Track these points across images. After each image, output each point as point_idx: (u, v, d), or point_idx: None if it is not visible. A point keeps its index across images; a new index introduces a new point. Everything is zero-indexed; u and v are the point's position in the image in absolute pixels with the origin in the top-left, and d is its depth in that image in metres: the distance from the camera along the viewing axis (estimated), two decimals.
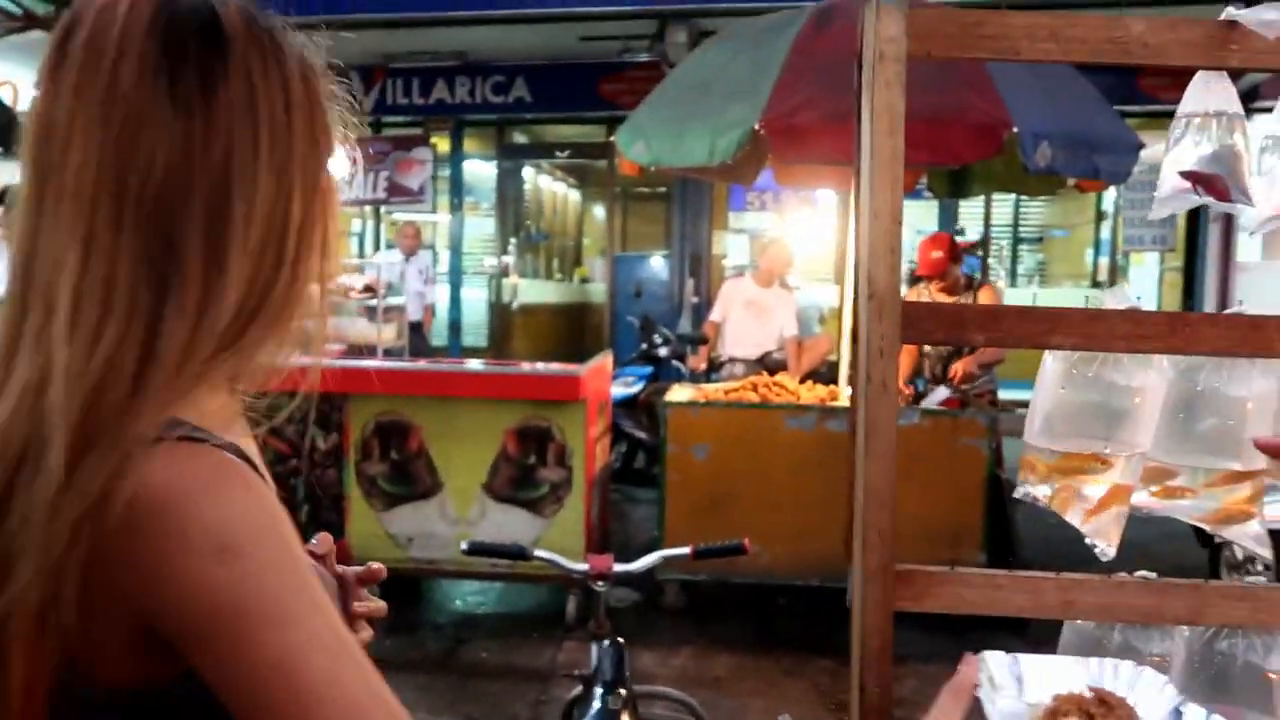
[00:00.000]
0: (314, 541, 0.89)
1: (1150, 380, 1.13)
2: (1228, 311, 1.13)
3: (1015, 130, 3.79)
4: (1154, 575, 1.17)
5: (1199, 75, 1.09)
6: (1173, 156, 1.10)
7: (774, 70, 4.12)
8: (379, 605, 0.91)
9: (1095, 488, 1.12)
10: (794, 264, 6.55)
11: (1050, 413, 1.15)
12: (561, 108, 9.34)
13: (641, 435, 6.59)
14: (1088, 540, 1.17)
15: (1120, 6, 6.13)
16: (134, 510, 0.63)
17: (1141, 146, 4.46)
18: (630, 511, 6.36)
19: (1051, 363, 1.17)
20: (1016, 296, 9.53)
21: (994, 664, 0.72)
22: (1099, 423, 1.13)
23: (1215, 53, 1.06)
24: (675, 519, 4.52)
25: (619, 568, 2.34)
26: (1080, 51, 1.07)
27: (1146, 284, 9.37)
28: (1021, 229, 10.21)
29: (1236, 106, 1.08)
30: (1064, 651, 1.21)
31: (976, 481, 4.40)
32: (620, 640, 2.15)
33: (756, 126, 3.95)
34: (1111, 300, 1.13)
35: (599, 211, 14.03)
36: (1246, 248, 8.79)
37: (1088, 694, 0.69)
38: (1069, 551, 4.63)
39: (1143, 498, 1.18)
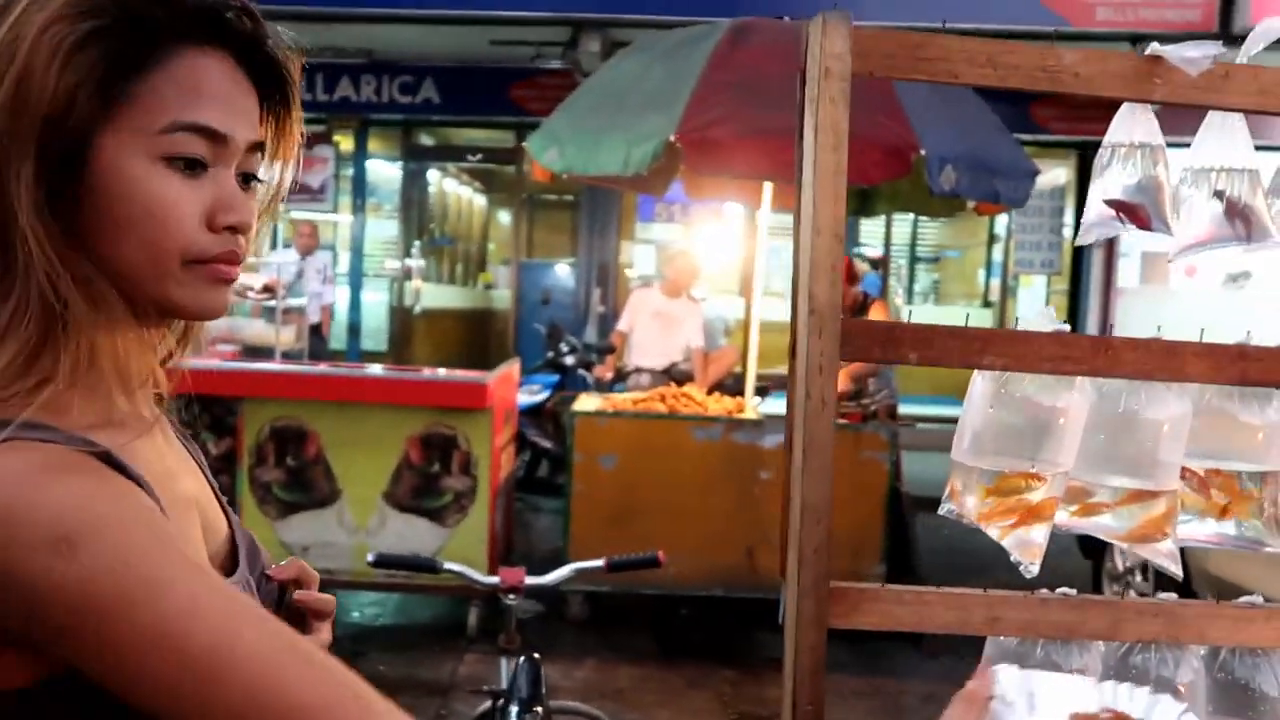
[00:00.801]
0: (280, 565, 0.87)
1: (1074, 401, 1.16)
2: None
3: (923, 153, 3.90)
4: (1074, 592, 1.20)
5: (1125, 107, 1.13)
6: (1099, 185, 1.13)
7: (690, 83, 4.15)
8: (325, 598, 0.88)
9: (1024, 505, 1.14)
10: (700, 275, 6.61)
11: (979, 431, 1.17)
12: (470, 111, 9.22)
13: (546, 444, 6.54)
14: (1013, 557, 1.19)
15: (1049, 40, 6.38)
16: None
17: (1037, 173, 4.65)
18: (533, 521, 6.30)
19: (981, 382, 1.19)
20: (912, 315, 9.81)
21: (1006, 680, 0.71)
22: (1025, 442, 1.15)
23: (1141, 86, 1.10)
24: (581, 529, 4.48)
25: (531, 581, 2.30)
26: (1015, 78, 1.09)
27: (1035, 305, 9.76)
28: (918, 249, 10.54)
29: (1159, 138, 1.12)
30: (990, 663, 1.23)
31: (878, 495, 4.50)
32: (536, 656, 2.11)
33: (672, 138, 3.97)
34: (1038, 322, 1.15)
35: (504, 217, 13.90)
36: (1126, 273, 9.25)
37: (1104, 715, 0.68)
38: (963, 564, 4.82)
39: (1063, 516, 1.21)
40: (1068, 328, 1.13)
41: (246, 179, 0.74)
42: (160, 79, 0.68)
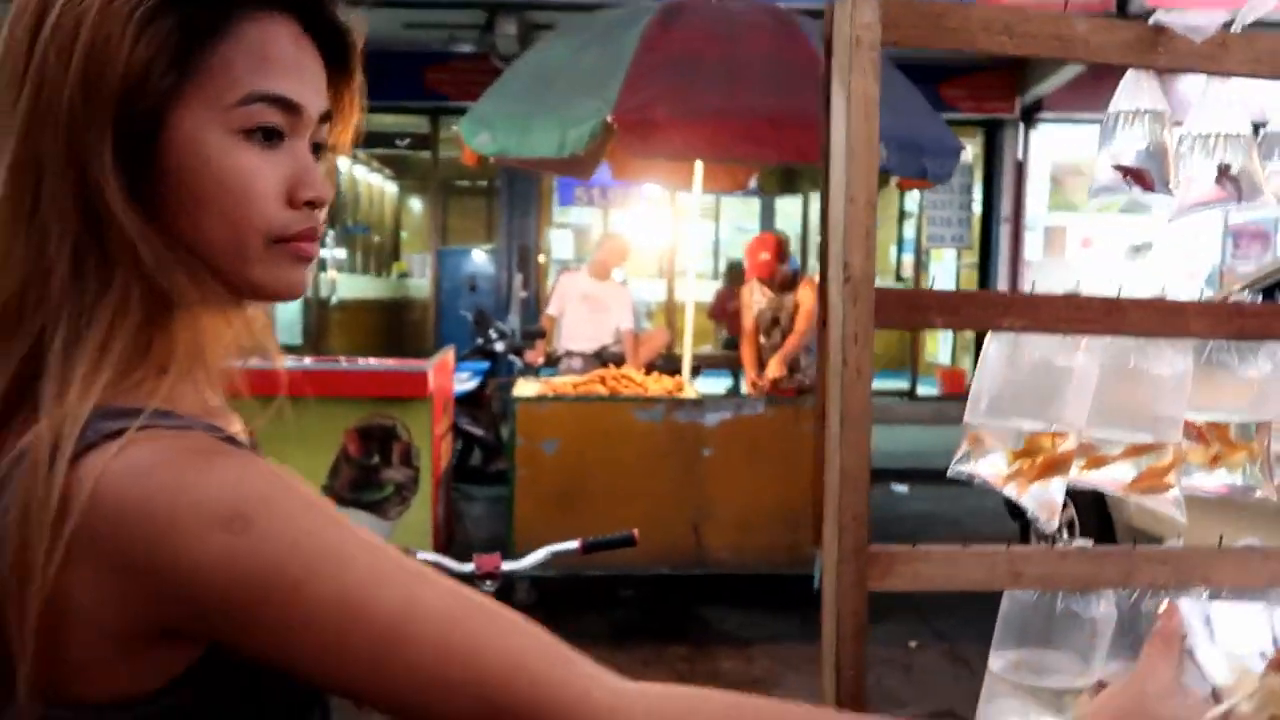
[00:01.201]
0: None
1: (1084, 361, 1.20)
2: None
3: None
4: (1090, 544, 1.24)
5: (1130, 74, 1.16)
6: (1107, 151, 1.17)
7: (623, 65, 4.14)
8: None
9: (1042, 463, 1.18)
10: (629, 257, 6.61)
11: (997, 394, 1.20)
12: (384, 96, 8.94)
13: (479, 432, 6.47)
14: (1030, 513, 1.22)
15: None
16: (106, 507, 0.57)
17: (962, 149, 4.78)
18: (468, 510, 6.23)
19: (995, 347, 1.22)
20: None
21: (1189, 613, 0.71)
22: (1042, 403, 1.19)
23: (1146, 54, 1.14)
24: (526, 514, 4.46)
25: (507, 566, 2.28)
26: (1030, 45, 1.12)
27: (946, 279, 10.06)
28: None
29: (1164, 105, 1.16)
30: (1005, 622, 1.27)
31: (816, 465, 4.57)
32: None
33: (609, 119, 3.95)
34: (1045, 271, 1.19)
35: (416, 205, 13.65)
36: (1031, 246, 9.61)
37: None
38: (895, 532, 5.01)
39: (1073, 472, 1.25)
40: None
41: (316, 149, 0.72)
42: (232, 49, 0.65)
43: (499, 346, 6.65)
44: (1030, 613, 1.24)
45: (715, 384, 7.36)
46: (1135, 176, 1.17)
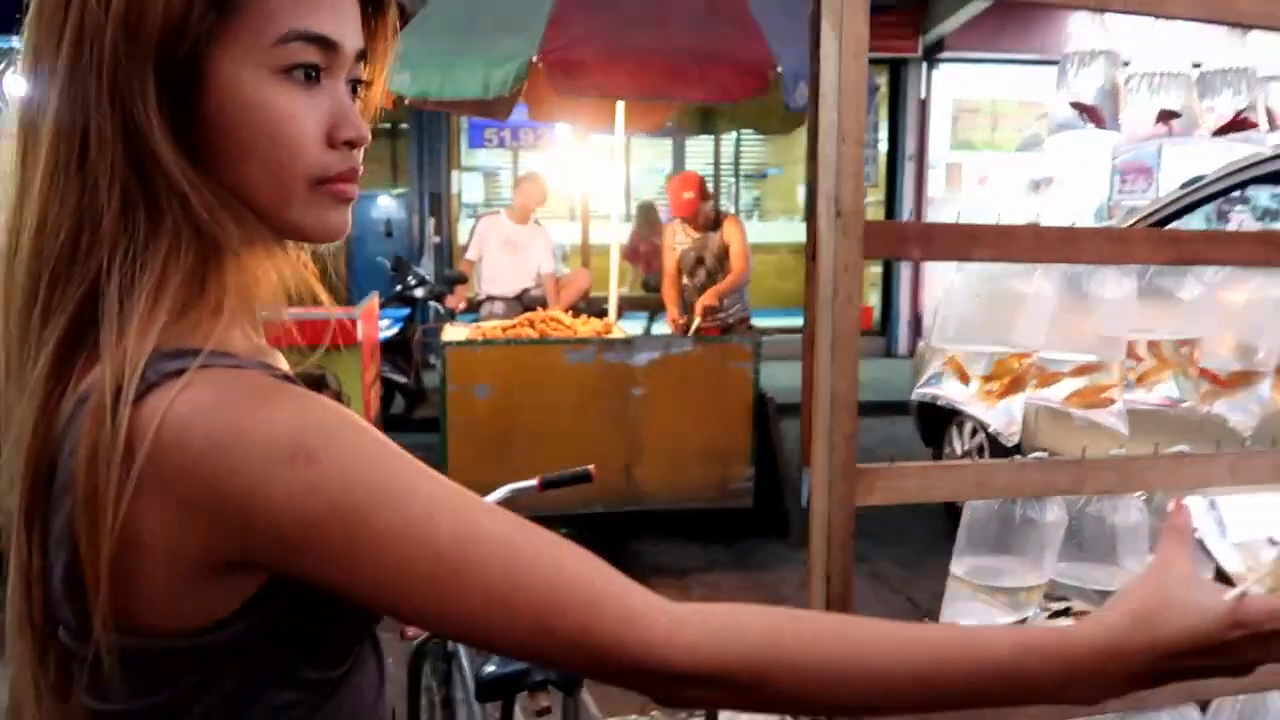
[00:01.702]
0: None
1: (1043, 287, 1.30)
2: None
3: (779, 70, 4.02)
4: (1046, 455, 1.35)
5: (1084, 16, 1.24)
6: (1064, 89, 1.25)
7: (547, 3, 4.09)
8: None
9: (1006, 383, 1.27)
10: (547, 200, 6.58)
11: (964, 320, 1.29)
12: None
13: (401, 379, 6.42)
14: (992, 428, 1.32)
15: None
16: (172, 444, 0.59)
17: (878, 89, 4.88)
18: None
19: (960, 276, 1.31)
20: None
21: (1196, 508, 0.77)
22: (1005, 326, 1.29)
23: None
24: (459, 459, 4.48)
25: None
26: None
27: None
28: (743, 166, 10.82)
29: (1116, 46, 1.24)
30: (967, 530, 1.38)
31: (744, 402, 4.72)
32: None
33: (534, 59, 3.92)
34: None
35: None
36: (934, 183, 9.89)
37: None
38: None
39: (1034, 392, 1.36)
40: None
41: (353, 88, 0.72)
42: None
43: (419, 292, 6.57)
44: (989, 521, 1.36)
45: (632, 326, 7.42)
46: (1090, 114, 1.26)
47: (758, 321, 5.94)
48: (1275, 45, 1.31)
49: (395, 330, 6.38)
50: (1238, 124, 1.29)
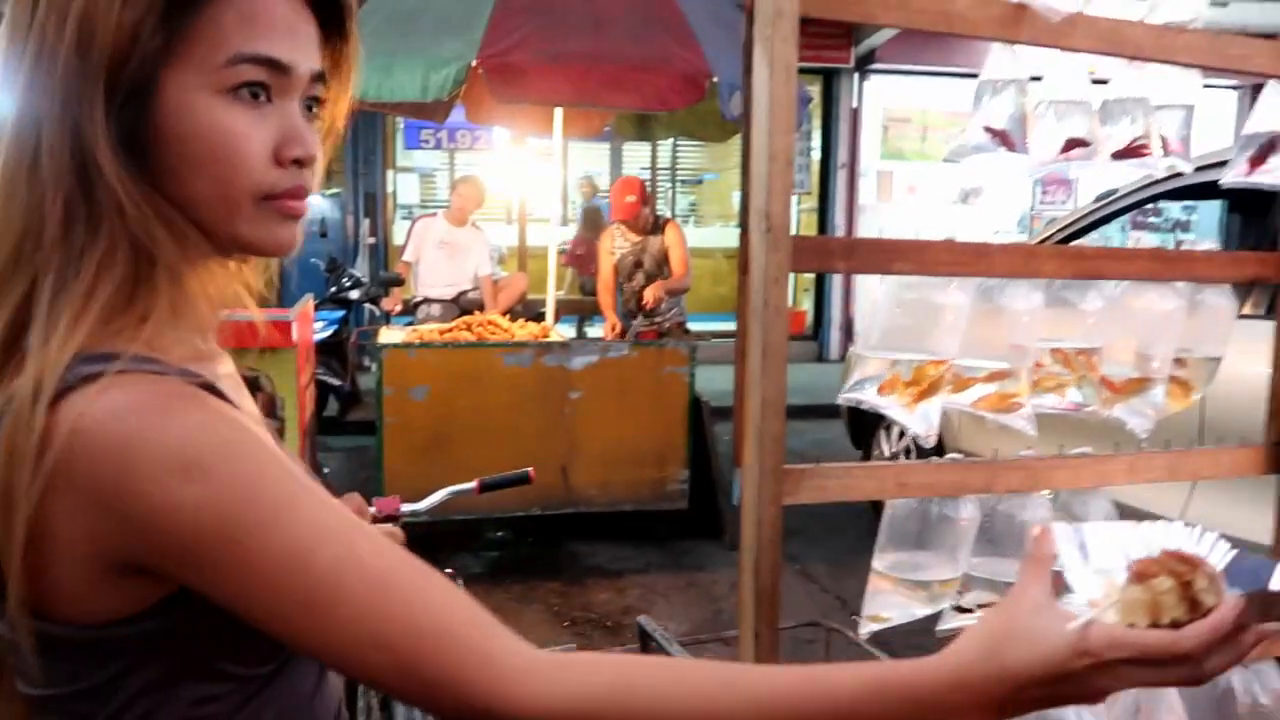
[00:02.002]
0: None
1: (959, 299, 1.39)
2: None
3: (715, 80, 4.10)
4: (961, 457, 1.44)
5: (998, 46, 1.33)
6: (979, 113, 1.34)
7: (486, 7, 4.11)
8: (391, 529, 0.93)
9: (923, 387, 1.36)
10: (485, 202, 6.59)
11: (887, 329, 1.37)
12: None
13: (335, 381, 6.36)
14: (911, 430, 1.40)
15: None
16: (81, 446, 0.61)
17: (810, 99, 5.00)
18: (325, 461, 6.15)
19: (883, 287, 1.39)
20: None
21: (1060, 536, 0.73)
22: (925, 335, 1.37)
23: (1012, 29, 1.31)
24: (396, 462, 4.48)
25: (406, 507, 2.34)
26: (920, 20, 1.27)
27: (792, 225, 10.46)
28: (680, 172, 10.94)
29: (1025, 74, 1.33)
30: (888, 527, 1.46)
31: (680, 406, 4.79)
32: (451, 571, 2.18)
33: (474, 63, 3.94)
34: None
35: None
36: (865, 192, 10.11)
37: (1163, 555, 0.68)
38: None
39: (949, 397, 1.44)
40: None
41: (309, 107, 0.74)
42: (220, 9, 0.67)
43: (354, 294, 6.52)
44: (909, 519, 1.44)
45: (570, 329, 7.46)
46: (1001, 138, 1.35)
47: (693, 326, 6.03)
48: (1168, 77, 1.41)
49: (330, 332, 6.32)
50: (1133, 150, 1.39)
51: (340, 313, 6.48)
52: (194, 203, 0.69)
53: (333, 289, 6.52)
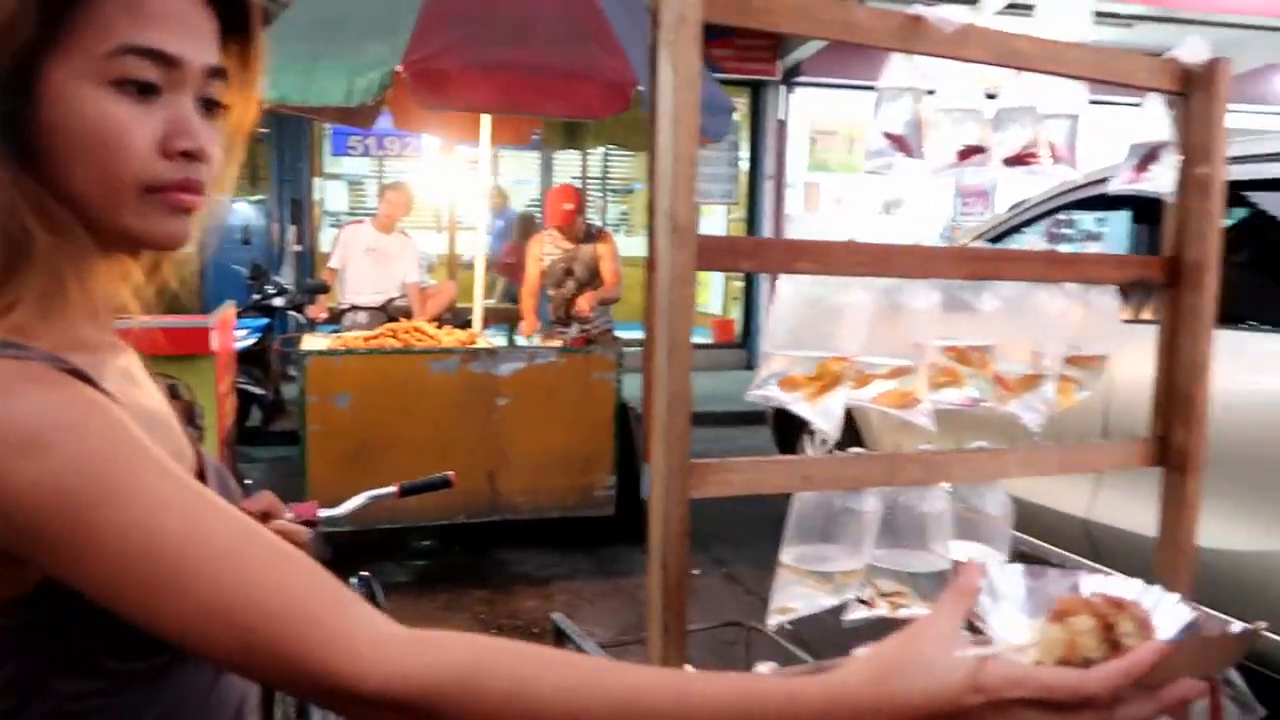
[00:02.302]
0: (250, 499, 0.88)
1: (861, 298, 1.43)
2: None
3: (641, 89, 4.14)
4: (864, 450, 1.49)
5: (896, 56, 1.39)
6: (878, 121, 1.39)
7: (411, 12, 4.10)
8: (297, 529, 0.93)
9: (832, 385, 1.40)
10: (413, 209, 6.54)
11: (793, 328, 1.41)
12: None
13: (258, 390, 6.25)
14: (815, 425, 1.44)
15: None
16: None
17: (733, 109, 5.08)
18: (248, 471, 6.03)
19: (789, 287, 1.43)
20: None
21: (992, 573, 0.70)
22: (829, 334, 1.41)
23: (908, 40, 1.36)
24: (320, 471, 4.42)
25: (325, 513, 2.32)
26: (820, 28, 1.31)
27: (716, 232, 10.57)
28: (610, 181, 10.98)
29: (922, 83, 1.39)
30: (794, 521, 1.50)
31: (607, 412, 4.81)
32: (367, 574, 2.17)
33: (398, 68, 3.92)
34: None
35: None
36: (793, 202, 10.27)
37: (1092, 598, 0.65)
38: None
39: (851, 393, 1.49)
40: None
41: (209, 106, 0.74)
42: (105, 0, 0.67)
43: (278, 301, 6.42)
44: (814, 512, 1.48)
45: (499, 338, 7.43)
46: (899, 143, 1.40)
47: (621, 334, 6.06)
48: (1056, 87, 1.48)
49: (253, 340, 6.21)
50: (1024, 157, 1.46)
51: (264, 321, 6.37)
52: (78, 194, 0.69)
53: (256, 296, 6.41)
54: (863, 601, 1.48)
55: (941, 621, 0.67)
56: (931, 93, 1.44)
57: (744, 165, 10.30)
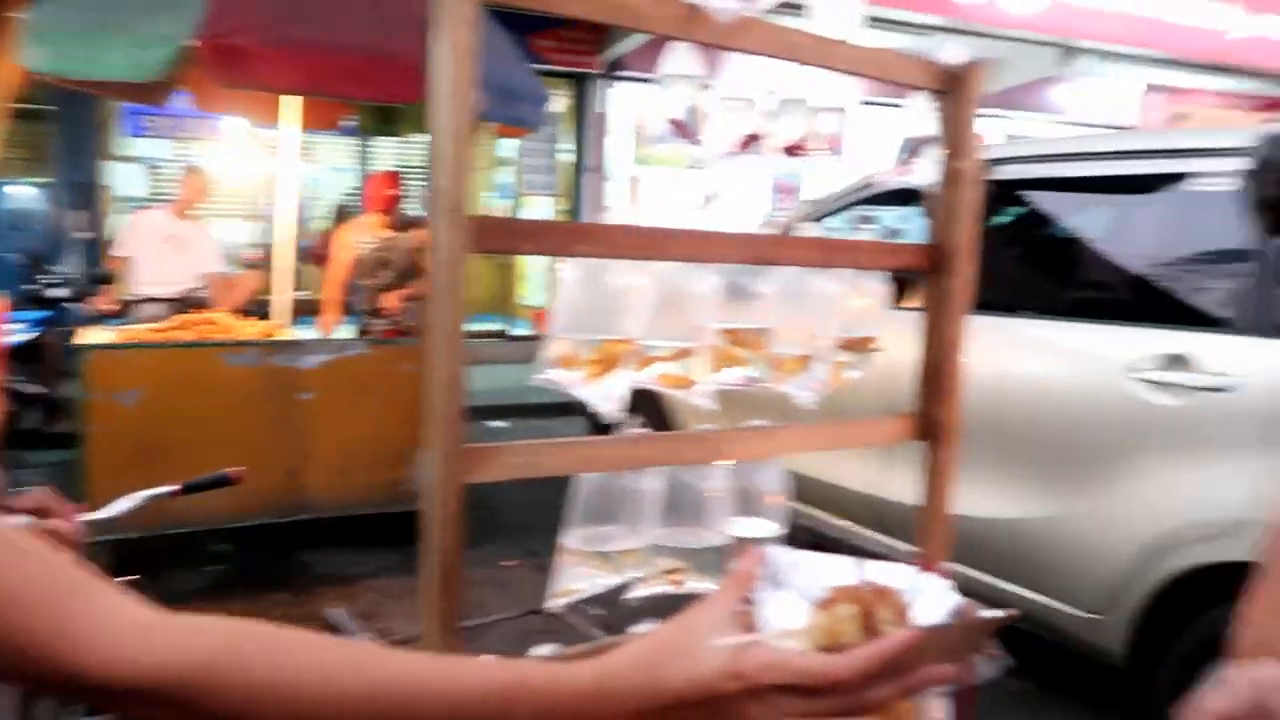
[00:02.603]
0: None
1: (643, 282, 1.45)
2: None
3: None
4: (646, 431, 1.51)
5: (676, 44, 1.41)
6: (661, 105, 1.41)
7: None
8: (73, 526, 0.85)
9: (614, 367, 1.41)
10: (211, 195, 6.18)
11: (576, 311, 1.41)
12: None
13: (34, 389, 5.75)
14: (594, 407, 1.44)
15: None
16: None
17: (548, 99, 5.06)
18: (26, 479, 5.55)
19: (572, 271, 1.43)
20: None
21: (771, 559, 0.70)
22: (612, 317, 1.42)
23: (688, 27, 1.38)
24: (103, 474, 4.09)
25: (88, 516, 2.14)
26: (600, 12, 1.31)
27: None
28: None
29: (700, 71, 1.42)
30: (576, 504, 1.50)
31: (417, 405, 4.68)
32: (130, 579, 2.01)
33: (191, 43, 3.69)
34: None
35: None
36: (614, 196, 10.37)
37: (863, 587, 0.67)
38: None
39: (631, 373, 1.50)
40: None
41: None
42: None
43: (59, 293, 5.93)
44: (596, 493, 1.49)
45: (309, 331, 7.16)
46: (680, 129, 1.42)
47: None
48: (830, 82, 1.55)
49: (30, 335, 5.71)
50: (799, 147, 1.51)
51: (44, 314, 5.87)
52: None
53: (32, 287, 5.89)
54: (644, 580, 1.50)
55: (715, 608, 0.68)
56: (708, 86, 1.47)
57: (567, 158, 10.30)
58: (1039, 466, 2.99)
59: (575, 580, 1.45)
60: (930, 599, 0.70)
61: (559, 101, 9.86)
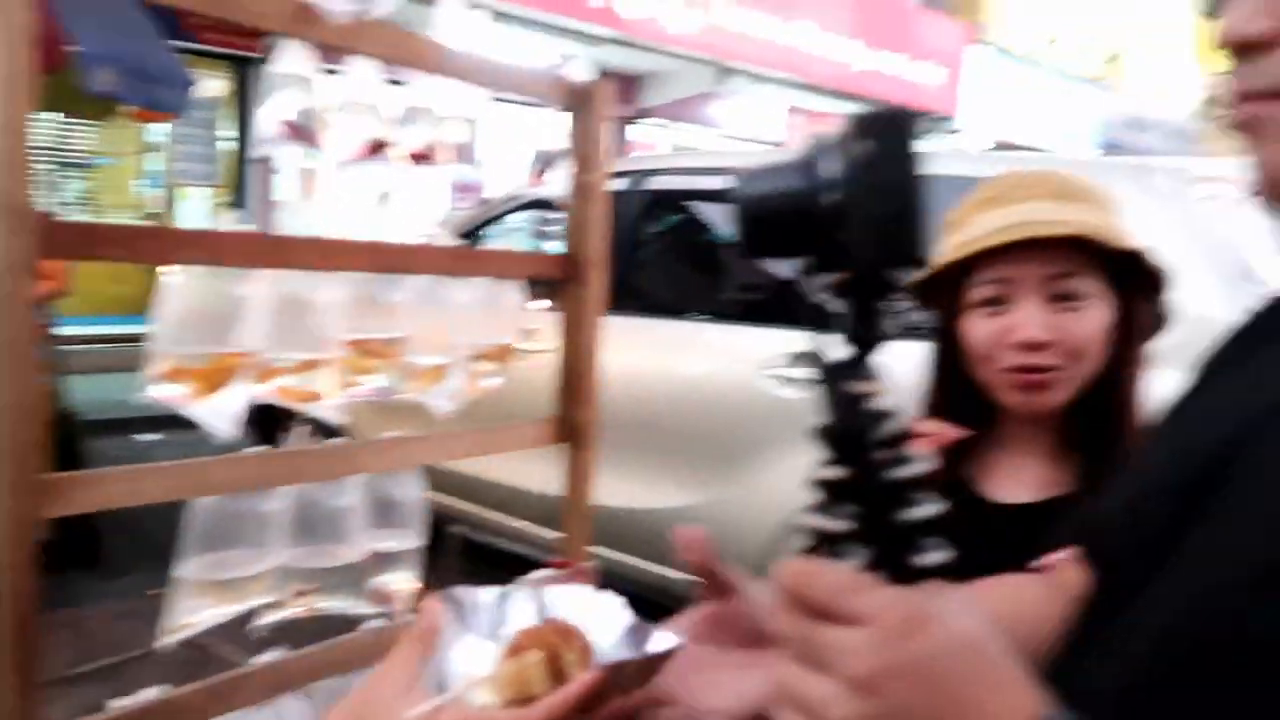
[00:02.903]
0: None
1: (260, 290, 1.37)
2: None
3: (78, 50, 3.64)
4: (266, 449, 1.43)
5: (290, 42, 1.34)
6: (271, 106, 1.34)
7: None
8: None
9: (227, 381, 1.32)
10: None
11: (182, 321, 1.30)
12: None
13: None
14: (205, 424, 1.35)
15: None
16: None
17: (193, 82, 4.68)
18: None
19: (177, 279, 1.32)
20: None
21: (456, 600, 0.68)
22: (224, 328, 1.33)
23: (300, 26, 1.33)
24: None
25: None
26: (203, 4, 1.22)
27: (198, 217, 9.71)
28: (65, 154, 9.56)
29: (312, 73, 1.36)
30: (191, 531, 1.39)
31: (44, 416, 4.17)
32: None
33: None
34: (227, 221, 1.33)
35: None
36: (284, 188, 9.79)
37: (545, 627, 0.67)
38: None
39: (250, 387, 1.42)
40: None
41: None
42: None
43: None
44: (213, 517, 1.39)
45: None
46: (296, 132, 1.36)
47: (80, 329, 5.31)
48: (455, 90, 1.55)
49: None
50: (427, 155, 1.50)
51: None
52: None
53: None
54: (272, 606, 1.42)
55: (396, 672, 0.65)
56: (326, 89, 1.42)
57: (229, 145, 9.59)
58: (687, 457, 3.20)
59: (188, 614, 1.34)
60: (606, 620, 0.71)
61: (217, 85, 9.16)
